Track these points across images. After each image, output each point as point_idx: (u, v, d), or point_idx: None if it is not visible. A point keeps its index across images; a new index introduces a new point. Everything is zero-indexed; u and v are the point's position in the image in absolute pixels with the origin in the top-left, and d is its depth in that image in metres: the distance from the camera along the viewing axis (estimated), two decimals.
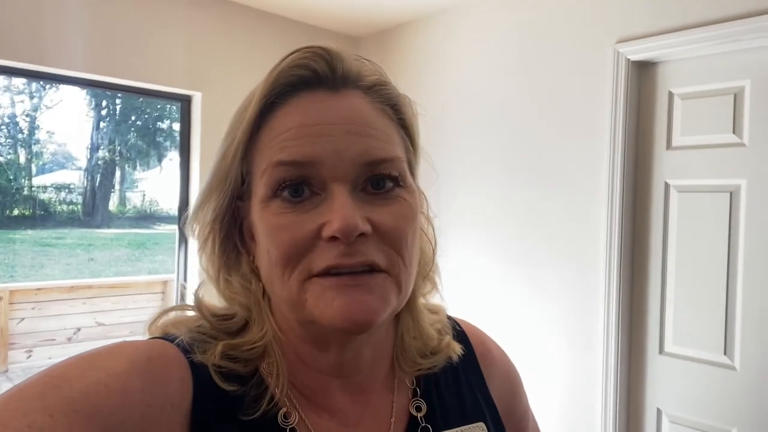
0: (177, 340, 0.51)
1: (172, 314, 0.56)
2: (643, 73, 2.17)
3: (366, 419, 0.56)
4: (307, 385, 0.54)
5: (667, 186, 2.11)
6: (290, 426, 0.51)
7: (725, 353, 1.95)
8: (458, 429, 0.57)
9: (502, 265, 2.57)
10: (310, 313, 0.48)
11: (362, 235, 0.47)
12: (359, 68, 0.53)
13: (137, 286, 5.66)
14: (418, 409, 0.58)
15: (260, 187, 0.50)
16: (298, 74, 0.50)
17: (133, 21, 2.55)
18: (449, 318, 0.68)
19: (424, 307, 0.62)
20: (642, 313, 2.17)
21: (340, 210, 0.46)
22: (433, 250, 0.62)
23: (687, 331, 2.05)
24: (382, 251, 0.49)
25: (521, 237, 2.50)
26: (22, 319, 4.87)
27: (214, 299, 0.56)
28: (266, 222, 0.50)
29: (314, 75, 0.51)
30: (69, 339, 5.13)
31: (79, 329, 5.18)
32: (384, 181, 0.50)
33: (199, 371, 0.49)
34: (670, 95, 2.10)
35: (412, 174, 0.56)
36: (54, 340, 5.04)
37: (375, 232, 0.48)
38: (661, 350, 2.12)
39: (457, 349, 0.62)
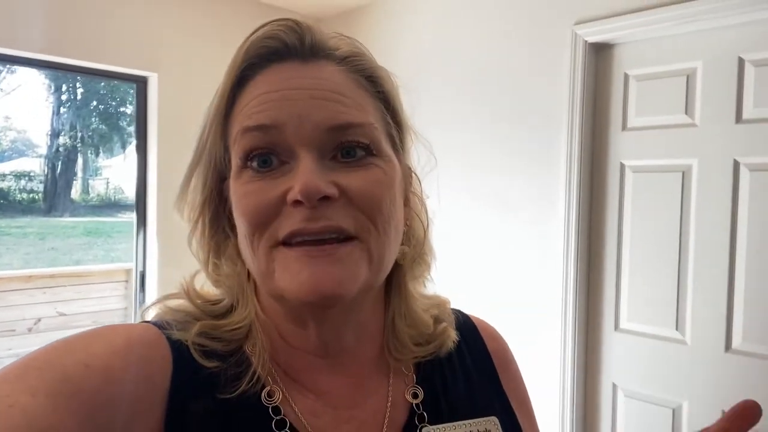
0: (157, 320, 0.52)
1: (170, 302, 0.54)
2: (600, 54, 2.19)
3: (359, 403, 0.54)
4: (292, 366, 0.53)
5: (622, 166, 2.15)
6: (273, 405, 0.50)
7: (677, 328, 2.01)
8: (469, 421, 0.55)
9: (464, 243, 2.59)
10: (278, 285, 0.48)
11: (327, 199, 0.46)
12: (333, 41, 0.53)
13: (99, 274, 5.51)
14: (415, 395, 0.57)
15: (234, 160, 0.50)
16: (267, 45, 0.51)
17: None
18: (456, 311, 0.67)
19: (418, 293, 0.60)
20: (598, 291, 2.21)
21: (303, 173, 0.46)
22: (425, 232, 0.61)
23: (641, 307, 2.10)
24: (351, 215, 0.48)
25: (481, 217, 2.52)
26: None
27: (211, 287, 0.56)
28: (236, 191, 0.50)
29: (283, 46, 0.51)
30: (29, 329, 4.98)
31: (39, 319, 5.03)
32: (354, 150, 0.49)
33: (178, 349, 0.49)
34: (626, 77, 2.13)
35: (396, 150, 0.55)
36: (14, 330, 4.89)
37: (343, 196, 0.48)
38: (616, 327, 2.17)
39: (453, 336, 0.61)
